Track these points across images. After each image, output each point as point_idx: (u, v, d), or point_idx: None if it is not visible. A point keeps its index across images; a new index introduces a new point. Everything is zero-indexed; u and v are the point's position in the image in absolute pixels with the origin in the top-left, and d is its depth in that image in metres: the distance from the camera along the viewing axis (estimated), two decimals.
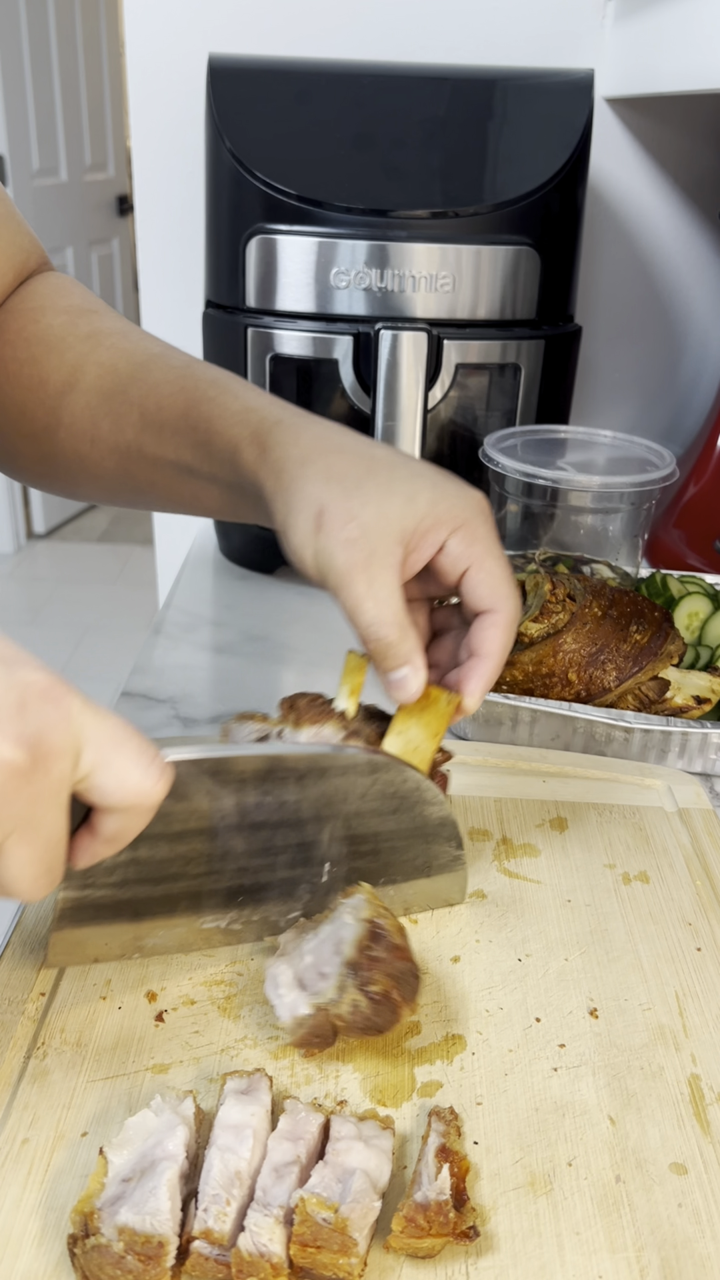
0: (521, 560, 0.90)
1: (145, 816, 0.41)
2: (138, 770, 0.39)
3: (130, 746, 0.39)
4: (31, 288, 0.67)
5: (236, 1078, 0.45)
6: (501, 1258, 0.40)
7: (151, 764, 0.40)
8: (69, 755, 0.37)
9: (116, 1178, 0.40)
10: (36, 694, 0.36)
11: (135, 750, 0.39)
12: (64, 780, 0.37)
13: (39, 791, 0.36)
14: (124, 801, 0.40)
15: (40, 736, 0.36)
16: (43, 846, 0.38)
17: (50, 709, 0.36)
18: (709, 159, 1.16)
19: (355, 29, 1.10)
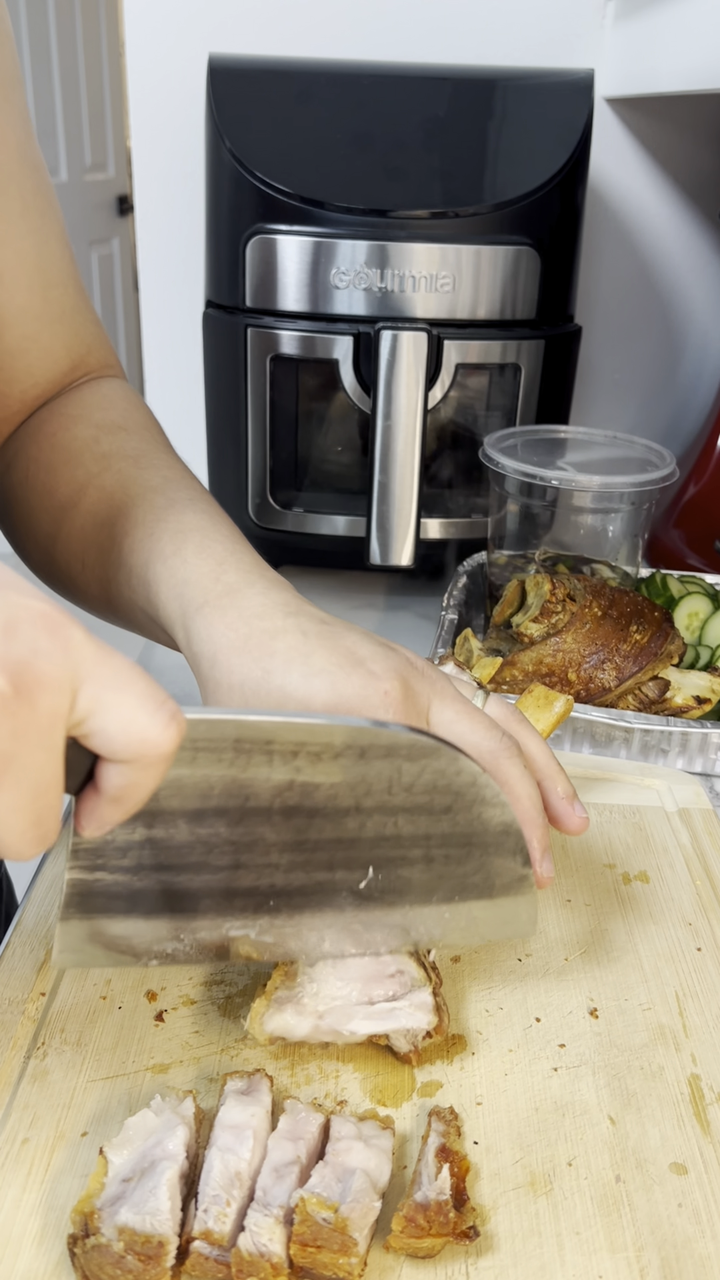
0: (521, 560, 0.90)
1: (155, 771, 0.37)
2: (144, 714, 0.35)
3: (137, 687, 0.35)
4: (80, 392, 0.66)
5: (237, 1078, 0.45)
6: (501, 1258, 0.40)
7: (160, 708, 0.35)
8: (62, 689, 0.33)
9: (116, 1177, 0.40)
10: (30, 618, 0.33)
11: (143, 692, 0.35)
12: (55, 715, 0.33)
13: (24, 725, 0.32)
14: (129, 748, 0.35)
15: (27, 663, 0.32)
16: (30, 791, 0.33)
17: (43, 636, 0.33)
18: (709, 159, 1.16)
19: (355, 29, 1.10)
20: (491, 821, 0.48)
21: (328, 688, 0.47)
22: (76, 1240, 0.38)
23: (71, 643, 0.33)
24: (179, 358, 1.25)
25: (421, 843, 0.48)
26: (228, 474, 1.01)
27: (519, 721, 0.53)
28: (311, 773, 0.44)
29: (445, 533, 0.99)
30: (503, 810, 0.48)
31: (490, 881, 0.49)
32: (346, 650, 0.49)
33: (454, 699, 0.50)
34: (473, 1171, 0.43)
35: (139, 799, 0.37)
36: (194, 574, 0.53)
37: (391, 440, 0.87)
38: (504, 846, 0.49)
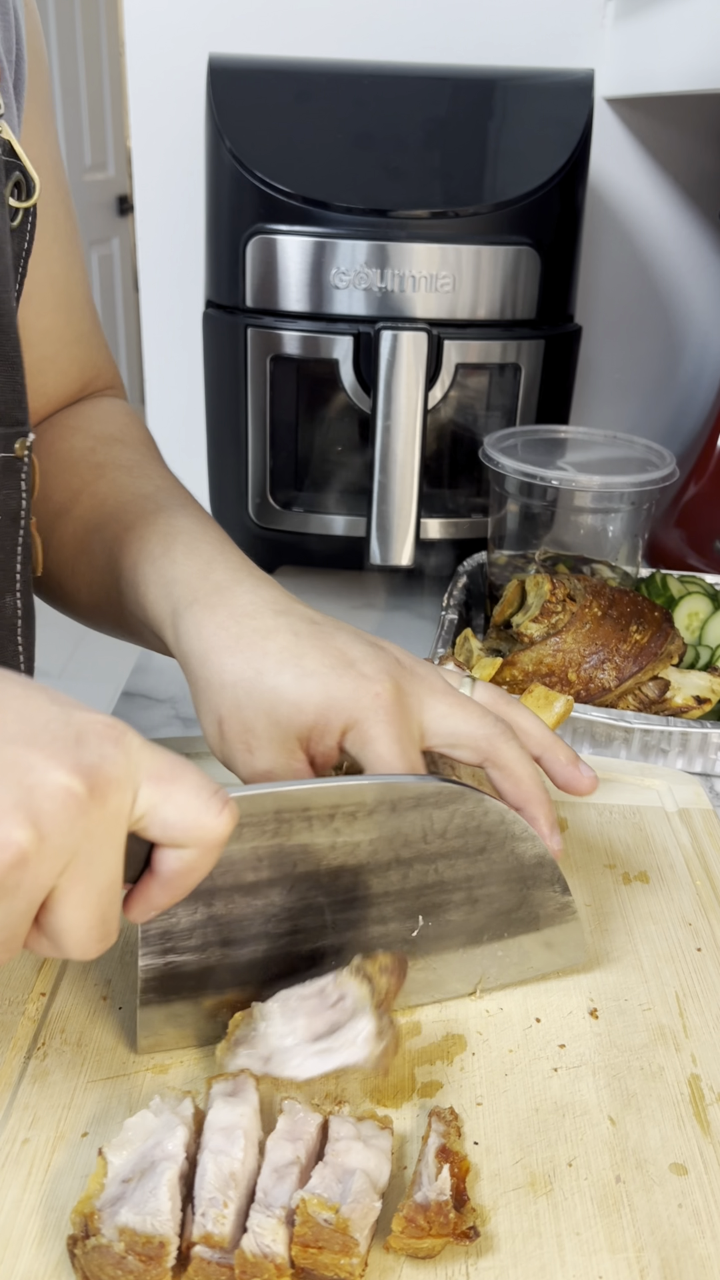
0: (521, 560, 0.90)
1: (210, 855, 0.39)
2: (199, 802, 0.38)
3: (190, 780, 0.38)
4: (83, 407, 0.67)
5: (221, 1080, 0.45)
6: (501, 1258, 0.40)
7: (214, 797, 0.38)
8: (128, 788, 0.36)
9: (116, 1178, 0.40)
10: (95, 730, 0.36)
11: (196, 783, 0.38)
12: (122, 814, 0.36)
13: (95, 824, 0.35)
14: (186, 834, 0.38)
15: (98, 767, 0.35)
16: (98, 889, 0.36)
17: (108, 744, 0.36)
18: (709, 159, 1.16)
19: (355, 29, 1.10)
20: (526, 855, 0.50)
21: (319, 689, 0.48)
22: (77, 1241, 0.38)
23: (132, 747, 0.37)
24: (179, 358, 1.25)
25: (464, 885, 0.49)
26: (228, 474, 1.01)
27: (508, 703, 0.54)
28: (350, 832, 0.47)
29: (445, 533, 0.99)
30: (534, 843, 0.50)
31: (535, 914, 0.51)
32: (338, 651, 0.50)
33: (444, 693, 0.51)
34: (473, 1172, 0.43)
35: (192, 883, 0.40)
36: (182, 573, 0.53)
37: (391, 440, 0.87)
38: (541, 878, 0.51)
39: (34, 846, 0.33)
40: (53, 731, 0.35)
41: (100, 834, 0.35)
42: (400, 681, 0.49)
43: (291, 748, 0.49)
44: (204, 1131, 0.42)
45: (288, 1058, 0.46)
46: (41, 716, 0.35)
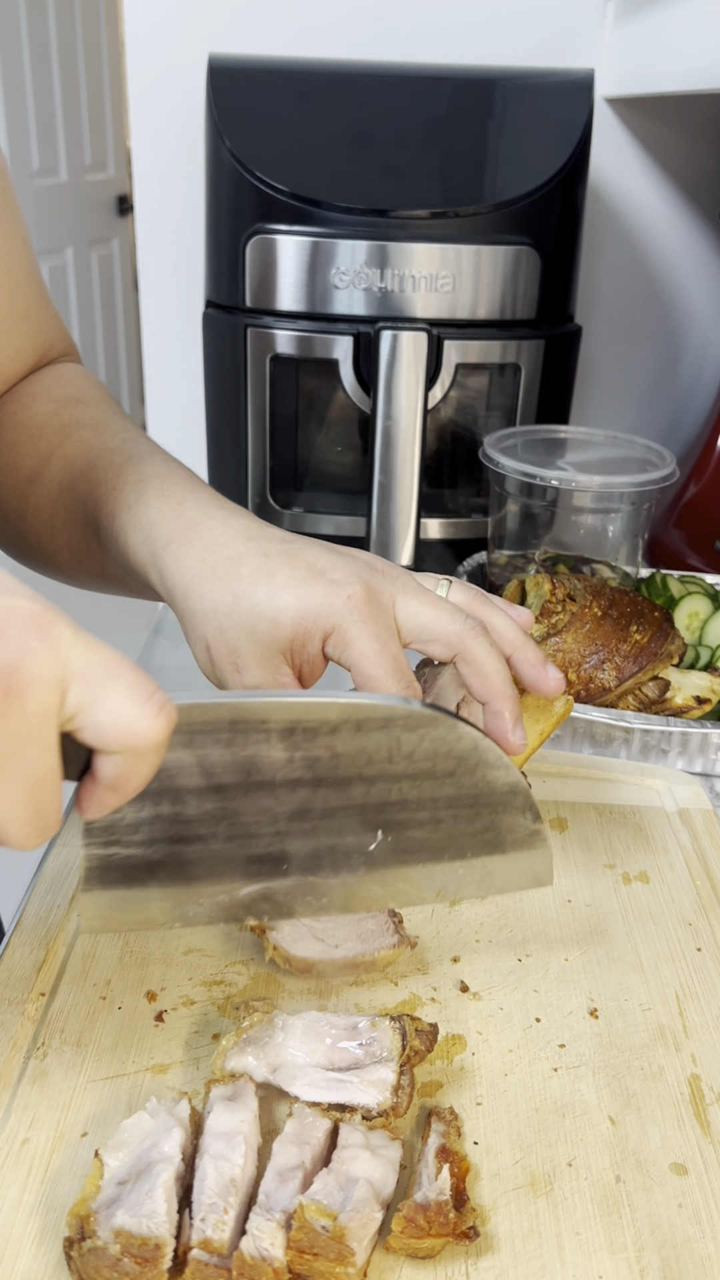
0: (521, 560, 0.90)
1: (148, 759, 0.38)
2: (132, 705, 0.36)
3: (126, 680, 0.36)
4: (39, 374, 0.68)
5: (221, 1085, 0.45)
6: (501, 1258, 0.40)
7: (149, 699, 0.36)
8: (51, 687, 0.34)
9: (112, 1180, 0.40)
10: (18, 619, 0.34)
11: (130, 684, 0.36)
12: (46, 713, 0.34)
13: (16, 724, 0.34)
14: (120, 740, 0.36)
15: (17, 663, 0.33)
16: (28, 786, 0.35)
17: (31, 636, 0.34)
18: (709, 159, 1.16)
19: (355, 29, 1.10)
20: (497, 783, 0.50)
21: (294, 601, 0.50)
22: (73, 1243, 0.38)
23: (60, 640, 0.34)
24: (179, 358, 1.25)
25: (428, 805, 0.49)
26: (228, 474, 1.01)
27: (483, 602, 0.55)
28: (310, 747, 0.46)
29: (445, 533, 0.99)
30: (507, 771, 0.50)
31: (501, 838, 0.51)
32: (307, 563, 0.51)
33: (417, 591, 0.52)
34: (473, 1172, 0.43)
35: (136, 785, 0.39)
36: (156, 516, 0.55)
37: (391, 440, 0.87)
38: (512, 805, 0.51)
39: None
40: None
41: (21, 733, 0.34)
42: (371, 582, 0.51)
43: (276, 663, 0.51)
44: (203, 1136, 0.42)
45: (297, 1074, 0.46)
46: None
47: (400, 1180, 0.43)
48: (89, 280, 3.79)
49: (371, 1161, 0.42)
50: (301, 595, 0.50)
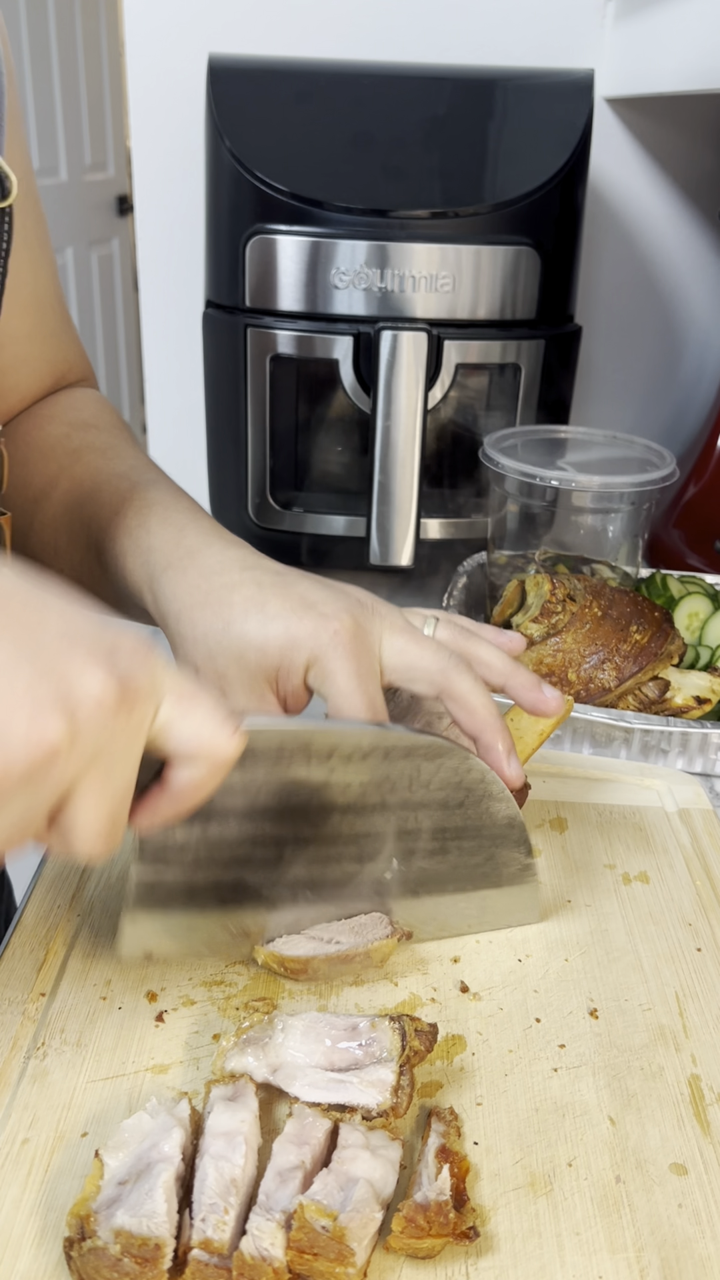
0: (521, 560, 0.90)
1: (217, 773, 0.42)
2: (213, 722, 0.41)
3: (208, 701, 0.41)
4: (55, 397, 0.70)
5: (221, 1085, 0.45)
6: (501, 1258, 0.40)
7: (228, 719, 0.41)
8: (152, 701, 0.39)
9: (112, 1180, 0.40)
10: (128, 642, 0.38)
11: (212, 705, 0.41)
12: (145, 724, 0.39)
13: (121, 729, 0.37)
14: (199, 750, 0.41)
15: (131, 676, 0.37)
16: (113, 791, 0.38)
17: (139, 657, 0.38)
18: (709, 159, 1.16)
19: (355, 29, 1.10)
20: (498, 815, 0.53)
21: (282, 631, 0.51)
22: (73, 1243, 0.38)
23: (159, 665, 0.39)
24: (179, 358, 1.25)
25: (438, 835, 0.52)
26: (228, 474, 1.01)
27: (468, 637, 0.56)
28: (344, 772, 0.49)
29: (445, 533, 0.99)
30: (507, 804, 0.53)
31: (499, 871, 0.54)
32: (299, 596, 0.53)
33: (403, 630, 0.53)
34: (473, 1172, 0.43)
35: (198, 798, 0.43)
36: (157, 541, 0.57)
37: (391, 440, 0.87)
38: (509, 838, 0.54)
39: (66, 742, 0.35)
40: (93, 637, 0.37)
41: (124, 739, 0.38)
42: (359, 619, 0.52)
43: (262, 690, 0.52)
44: (204, 1136, 0.42)
45: (297, 1075, 0.46)
46: (84, 622, 0.38)
47: (400, 1180, 0.43)
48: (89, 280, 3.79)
49: (371, 1161, 0.42)
50: (290, 625, 0.51)
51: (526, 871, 0.55)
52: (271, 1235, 0.38)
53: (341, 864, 0.52)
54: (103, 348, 3.95)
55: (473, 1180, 0.43)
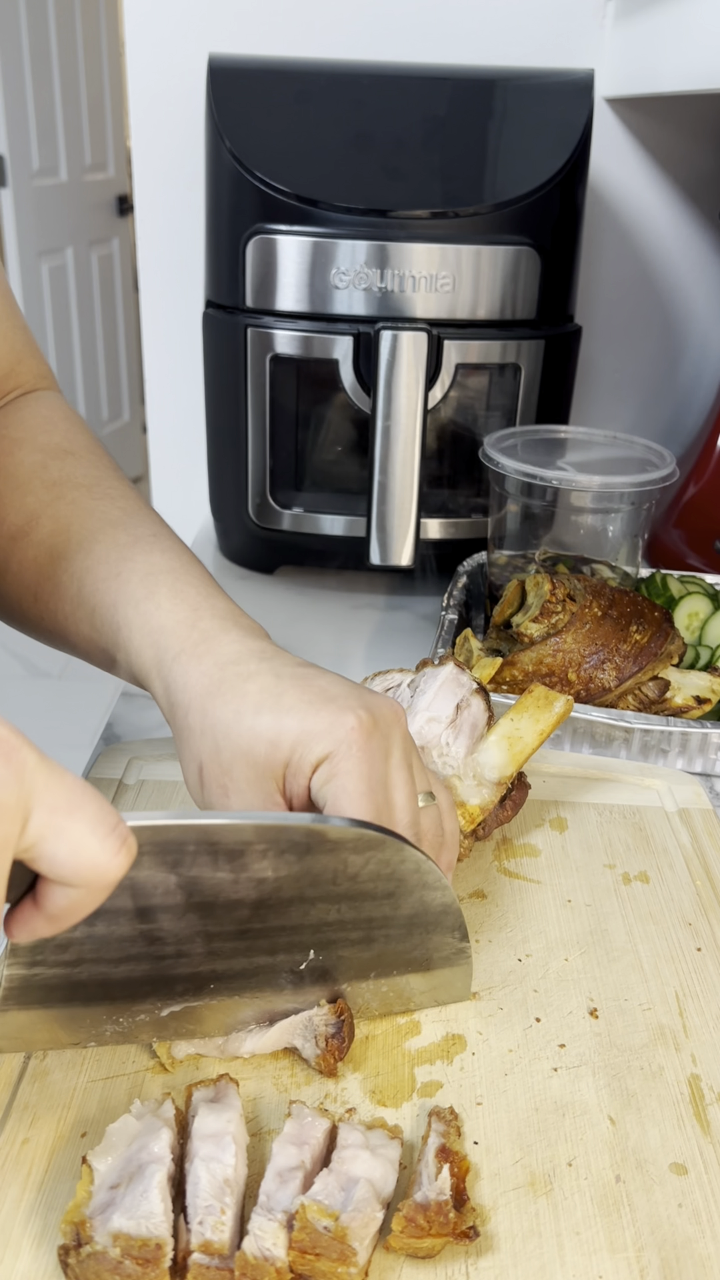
0: (521, 560, 0.90)
1: (98, 896, 0.36)
2: (94, 840, 0.35)
3: (88, 812, 0.35)
4: (20, 414, 0.65)
5: (202, 1087, 0.45)
6: (501, 1258, 0.40)
7: (111, 834, 0.35)
8: (15, 815, 0.33)
9: (104, 1185, 0.40)
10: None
11: (94, 816, 0.35)
12: (6, 842, 0.33)
13: None
14: (76, 875, 0.35)
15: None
16: None
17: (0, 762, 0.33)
18: (709, 159, 1.16)
19: (355, 29, 1.10)
20: (433, 904, 0.49)
21: (296, 724, 0.47)
22: (69, 1250, 0.38)
23: (25, 768, 0.33)
24: (179, 358, 1.25)
25: (363, 925, 0.48)
26: (228, 474, 1.01)
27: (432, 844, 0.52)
28: (256, 869, 0.44)
29: (445, 533, 0.99)
30: (444, 893, 0.49)
31: (429, 956, 0.51)
32: (320, 689, 0.49)
33: (403, 769, 0.49)
34: (473, 1171, 0.43)
35: (77, 918, 0.37)
36: (169, 621, 0.52)
37: (391, 440, 0.87)
38: (443, 924, 0.50)
39: None
40: None
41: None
42: (380, 717, 0.48)
43: (269, 790, 0.48)
44: (191, 1139, 0.42)
45: (241, 1040, 0.47)
46: None
47: (400, 1180, 0.43)
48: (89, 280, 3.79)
49: (371, 1161, 0.42)
50: (306, 719, 0.47)
51: (459, 955, 0.51)
52: (274, 1235, 0.38)
53: (249, 956, 0.47)
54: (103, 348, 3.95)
55: (473, 1180, 0.43)
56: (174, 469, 1.33)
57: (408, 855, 0.47)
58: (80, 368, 3.80)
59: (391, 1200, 0.42)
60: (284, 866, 0.45)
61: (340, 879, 0.46)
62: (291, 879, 0.45)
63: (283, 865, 0.45)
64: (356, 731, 0.47)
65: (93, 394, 3.91)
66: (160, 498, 1.35)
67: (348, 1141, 0.43)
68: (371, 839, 0.46)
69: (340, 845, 0.45)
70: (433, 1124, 0.44)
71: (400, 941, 0.49)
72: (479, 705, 0.61)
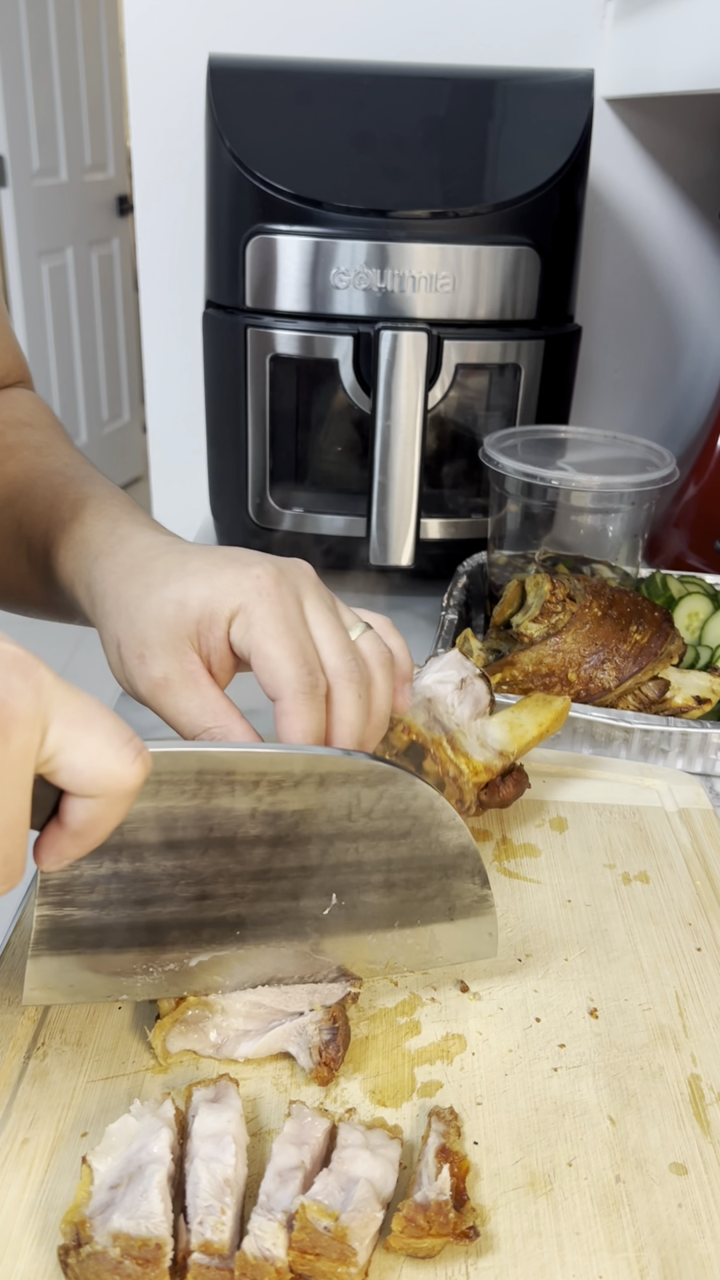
0: (521, 560, 0.90)
1: (120, 805, 0.37)
2: (110, 750, 0.36)
3: (104, 725, 0.36)
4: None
5: (202, 1087, 0.45)
6: (501, 1258, 0.40)
7: (126, 745, 0.36)
8: (33, 726, 0.34)
9: (103, 1185, 0.40)
10: (3, 661, 0.34)
11: (109, 729, 0.36)
12: (26, 753, 0.34)
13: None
14: (95, 783, 0.36)
15: (2, 701, 0.33)
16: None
17: (15, 677, 0.34)
18: (709, 159, 1.16)
19: (355, 29, 1.10)
20: (449, 844, 0.49)
21: (203, 582, 0.50)
22: (69, 1251, 0.38)
23: (43, 683, 0.35)
24: (179, 358, 1.25)
25: (382, 868, 0.49)
26: (228, 474, 1.01)
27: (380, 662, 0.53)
28: (274, 801, 0.45)
29: (445, 533, 0.99)
30: (459, 832, 0.49)
31: (451, 904, 0.51)
32: (224, 554, 0.52)
33: (321, 608, 0.51)
34: (473, 1171, 0.43)
35: (101, 834, 0.38)
36: (90, 532, 0.56)
37: (391, 440, 0.87)
38: (462, 868, 0.50)
39: None
40: None
41: (3, 773, 0.34)
42: (285, 570, 0.51)
43: (184, 650, 0.50)
44: (191, 1139, 0.42)
45: (238, 1043, 0.47)
46: None
47: (400, 1180, 0.43)
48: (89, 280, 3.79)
49: (371, 1161, 0.42)
50: (212, 577, 0.50)
51: (482, 904, 0.51)
52: (274, 1235, 0.38)
53: (273, 900, 0.47)
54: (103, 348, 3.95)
55: (473, 1180, 0.43)
56: (174, 469, 1.33)
57: (420, 791, 0.48)
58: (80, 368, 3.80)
59: (391, 1200, 0.42)
60: (299, 799, 0.46)
61: (355, 815, 0.47)
62: (308, 813, 0.46)
63: (298, 797, 0.45)
64: (264, 579, 0.50)
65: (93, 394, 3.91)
66: (160, 498, 1.35)
67: (348, 1141, 0.43)
68: (382, 771, 0.47)
69: (352, 777, 0.46)
70: (433, 1124, 0.44)
71: (420, 887, 0.50)
72: (482, 687, 0.64)
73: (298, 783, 0.45)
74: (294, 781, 0.45)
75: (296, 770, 0.45)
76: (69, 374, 3.73)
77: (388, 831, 0.48)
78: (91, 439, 3.94)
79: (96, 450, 3.98)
